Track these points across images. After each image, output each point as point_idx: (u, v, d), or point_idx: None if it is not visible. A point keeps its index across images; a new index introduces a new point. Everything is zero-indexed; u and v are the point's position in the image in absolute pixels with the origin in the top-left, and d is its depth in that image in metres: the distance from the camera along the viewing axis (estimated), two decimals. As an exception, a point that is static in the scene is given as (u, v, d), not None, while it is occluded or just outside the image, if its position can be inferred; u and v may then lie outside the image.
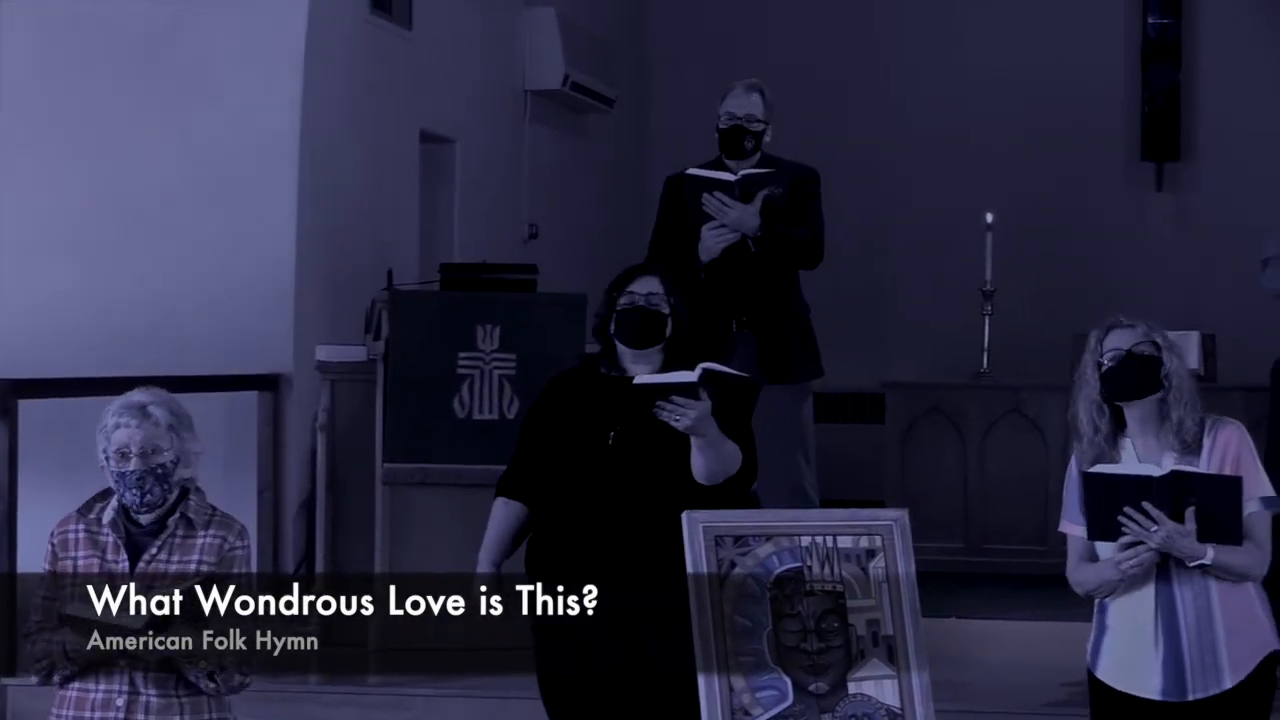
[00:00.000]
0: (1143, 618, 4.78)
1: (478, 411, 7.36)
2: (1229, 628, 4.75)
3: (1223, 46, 12.07)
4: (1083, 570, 4.85)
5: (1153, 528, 4.65)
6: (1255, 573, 4.77)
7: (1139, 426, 4.87)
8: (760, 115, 6.95)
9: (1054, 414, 9.88)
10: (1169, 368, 4.83)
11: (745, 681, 4.59)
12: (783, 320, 6.95)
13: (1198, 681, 4.74)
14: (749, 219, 6.72)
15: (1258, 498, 4.79)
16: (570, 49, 10.81)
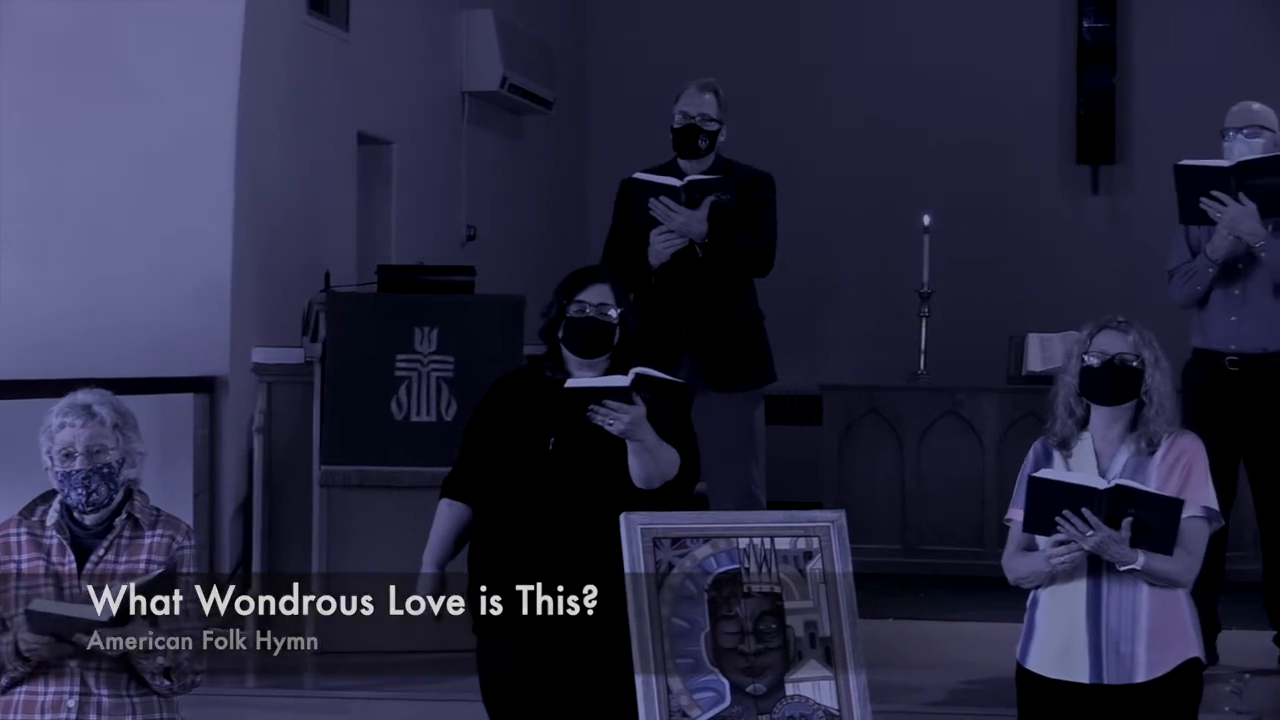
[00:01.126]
0: (1073, 609, 4.87)
1: (415, 413, 7.35)
2: (1152, 629, 4.84)
3: (1157, 50, 12.16)
4: (1017, 558, 4.94)
5: (1088, 532, 4.70)
6: (1183, 580, 4.85)
7: (1104, 424, 4.95)
8: (714, 115, 6.94)
9: (990, 416, 9.94)
10: (1149, 384, 4.90)
11: (683, 683, 4.59)
12: (731, 327, 6.93)
13: (1113, 668, 4.83)
14: (696, 225, 6.70)
15: (1200, 505, 4.86)
16: (508, 51, 10.80)
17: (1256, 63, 11.56)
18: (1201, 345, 7.15)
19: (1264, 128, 7.04)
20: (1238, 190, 6.83)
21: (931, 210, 10.69)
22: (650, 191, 6.71)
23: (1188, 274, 7.10)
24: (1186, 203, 6.90)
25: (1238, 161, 6.87)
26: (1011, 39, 12.26)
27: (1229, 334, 7.05)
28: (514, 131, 11.62)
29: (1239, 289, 7.04)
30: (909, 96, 12.32)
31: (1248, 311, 7.03)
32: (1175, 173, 6.94)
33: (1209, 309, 7.09)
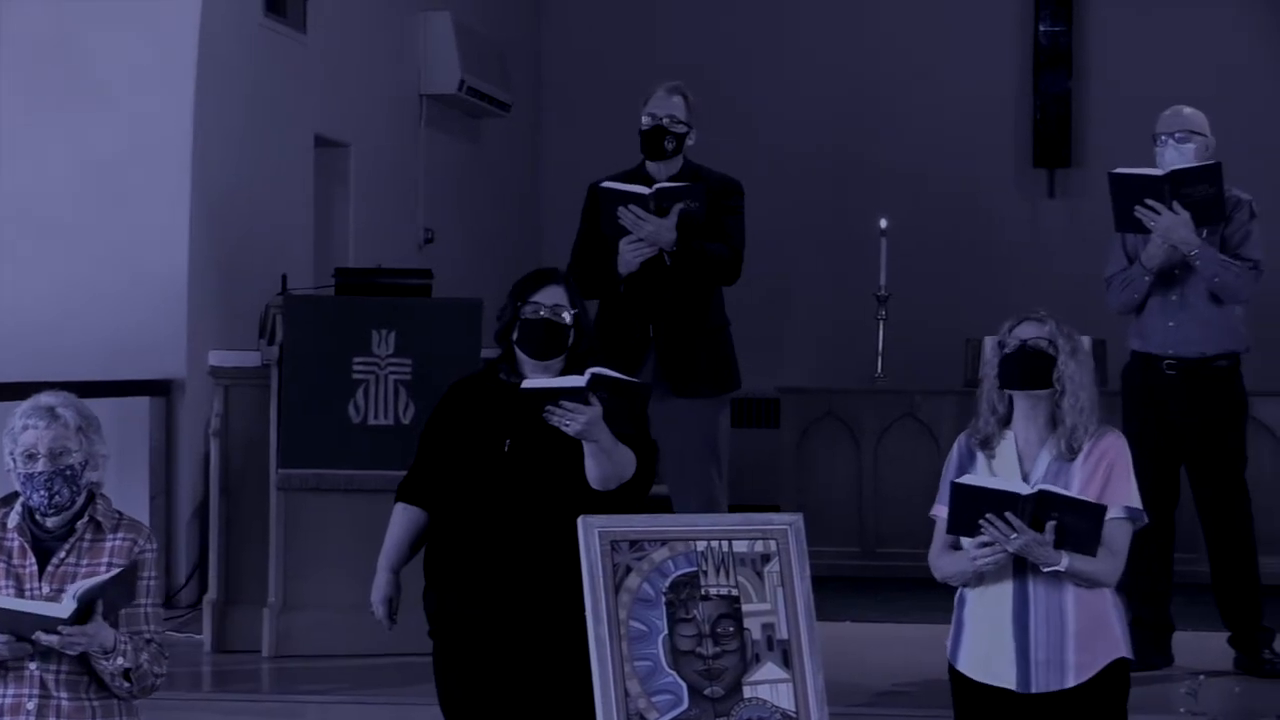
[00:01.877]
0: (999, 612, 4.89)
1: (373, 417, 7.33)
2: (1079, 630, 4.85)
3: (1113, 54, 12.21)
4: (943, 557, 4.96)
5: (1011, 535, 4.72)
6: (1107, 580, 4.88)
7: (1025, 419, 4.96)
8: (682, 117, 6.93)
9: (947, 418, 9.96)
10: (1062, 370, 4.90)
11: (641, 686, 4.59)
12: (698, 334, 6.93)
13: (1042, 676, 4.85)
14: (664, 233, 6.69)
15: (1123, 506, 4.88)
16: (466, 54, 10.79)
17: (1211, 67, 11.61)
18: (1140, 349, 7.19)
19: (1195, 132, 7.08)
20: (1171, 199, 6.86)
21: (888, 214, 10.72)
22: (619, 200, 6.69)
23: (1125, 282, 7.14)
24: (1122, 211, 6.94)
25: (1171, 170, 6.90)
26: (968, 43, 12.30)
27: (1167, 339, 7.09)
28: (471, 134, 11.61)
29: (1177, 294, 7.08)
30: (867, 100, 12.35)
31: (1185, 316, 7.07)
32: (1110, 181, 6.98)
33: (1147, 314, 7.13)
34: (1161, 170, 6.94)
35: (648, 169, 6.94)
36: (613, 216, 6.68)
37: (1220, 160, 6.98)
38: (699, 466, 6.86)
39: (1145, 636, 7.17)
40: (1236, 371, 7.16)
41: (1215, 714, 5.42)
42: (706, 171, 6.99)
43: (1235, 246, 7.04)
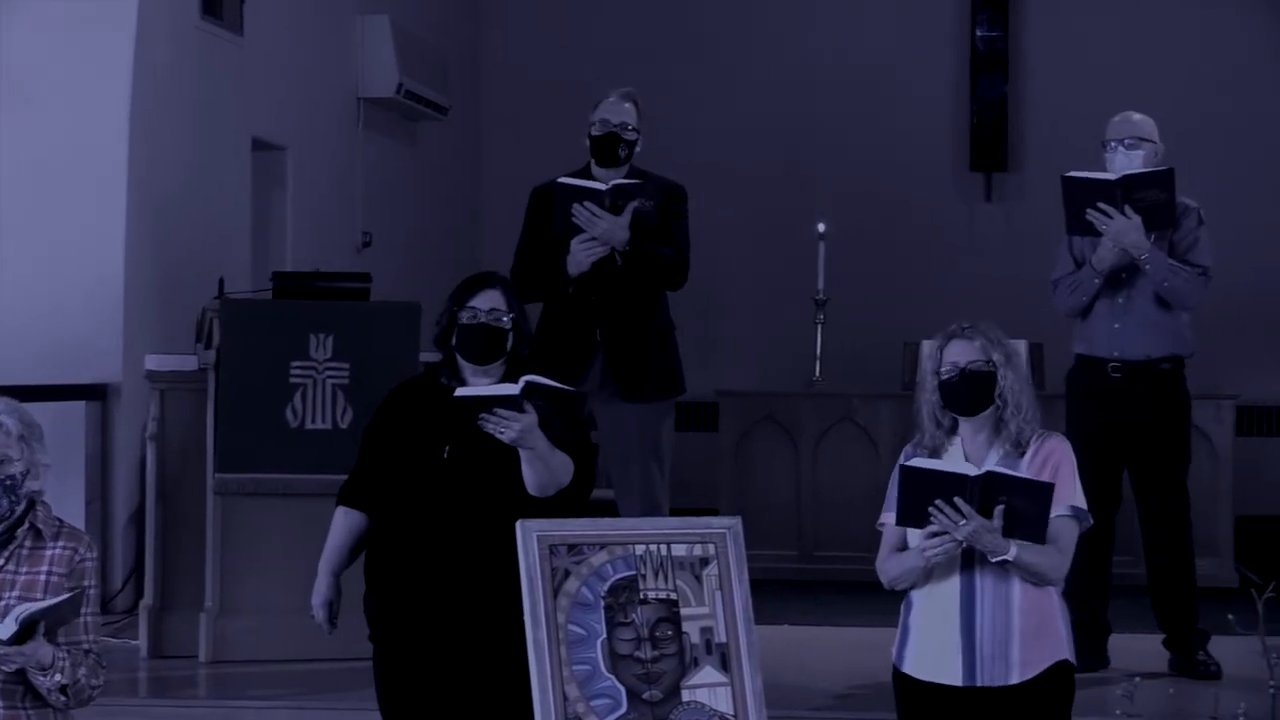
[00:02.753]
0: (946, 609, 4.92)
1: (310, 421, 7.31)
2: (1024, 628, 4.90)
3: (1049, 58, 12.28)
4: (890, 560, 5.00)
5: (960, 521, 4.75)
6: (1053, 576, 4.92)
7: (970, 430, 5.02)
8: (634, 124, 6.95)
9: (886, 422, 9.99)
10: (1002, 385, 4.96)
11: (579, 690, 4.59)
12: (644, 338, 6.94)
13: (986, 670, 4.89)
14: (618, 231, 6.70)
15: (1069, 505, 4.93)
16: (404, 56, 10.77)
17: (1147, 71, 11.68)
18: (1085, 352, 7.23)
19: (1144, 139, 7.13)
20: (1123, 203, 6.91)
21: (826, 217, 10.74)
22: (574, 196, 6.69)
23: (1073, 285, 7.18)
24: (1073, 214, 6.98)
25: (1123, 175, 6.95)
26: (905, 47, 12.34)
27: (1112, 341, 7.14)
28: (409, 137, 11.59)
29: (1123, 297, 7.13)
30: (804, 105, 12.38)
31: (1131, 319, 7.11)
32: (1063, 184, 7.01)
33: (1093, 317, 7.18)
34: (1113, 175, 6.99)
35: (594, 174, 6.94)
36: (566, 214, 6.68)
37: (1172, 166, 7.03)
38: (643, 470, 6.87)
39: (1082, 639, 7.18)
40: (1180, 375, 7.22)
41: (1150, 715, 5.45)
42: (652, 176, 7.00)
43: (1184, 252, 7.09)
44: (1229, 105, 11.85)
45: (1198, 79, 11.85)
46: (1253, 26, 12.04)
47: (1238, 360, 11.19)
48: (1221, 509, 9.61)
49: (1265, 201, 11.76)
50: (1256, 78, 11.97)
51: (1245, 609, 4.85)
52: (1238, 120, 11.85)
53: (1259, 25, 12.04)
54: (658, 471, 6.96)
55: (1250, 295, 11.45)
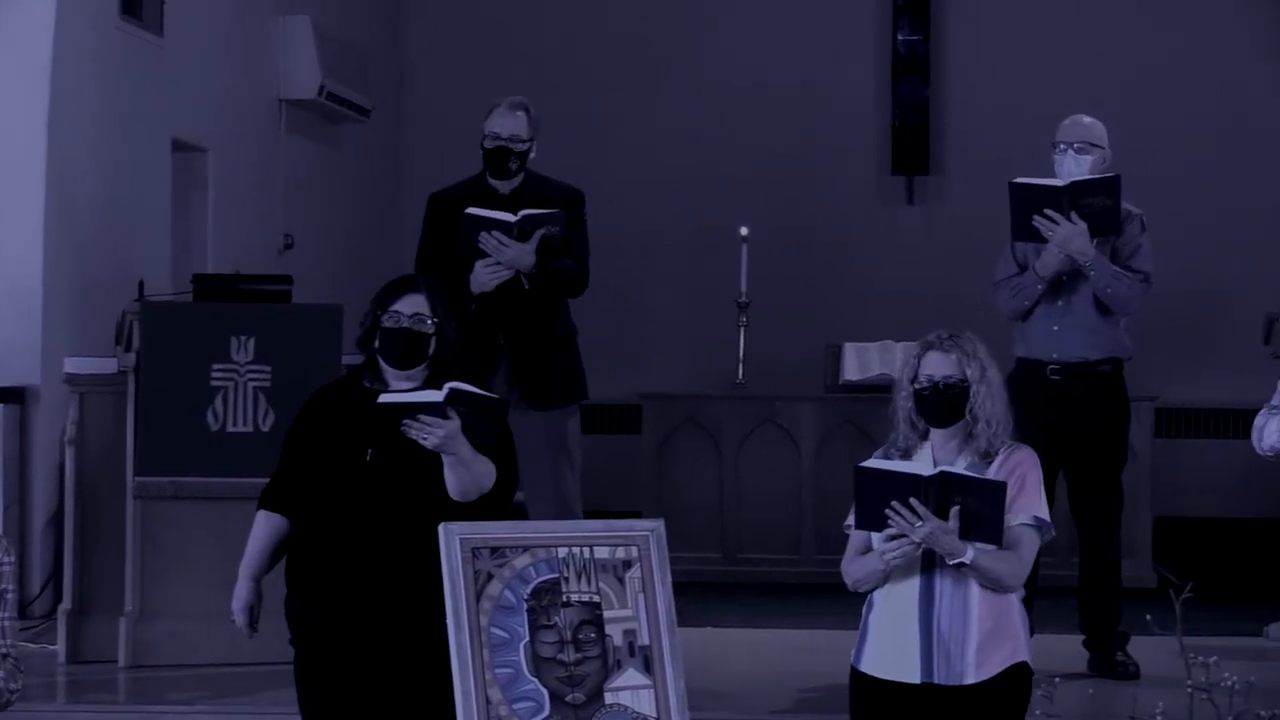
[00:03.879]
0: (906, 609, 4.95)
1: (231, 424, 7.27)
2: (982, 628, 4.93)
3: (970, 62, 12.33)
4: (853, 563, 5.03)
5: (917, 523, 4.78)
6: (1011, 582, 4.95)
7: (942, 438, 5.07)
8: (524, 134, 6.95)
9: (808, 424, 10.02)
10: (974, 401, 5.01)
11: (502, 693, 4.58)
12: (547, 344, 6.95)
13: (943, 668, 4.91)
14: (525, 258, 6.73)
15: (1032, 514, 4.97)
16: (326, 58, 10.72)
17: (1066, 76, 11.76)
18: (1024, 355, 7.27)
19: (1094, 144, 7.17)
20: (1069, 209, 6.95)
21: (749, 221, 10.76)
22: (481, 225, 6.71)
23: (1016, 289, 7.21)
24: (1020, 220, 7.01)
25: (1071, 181, 6.99)
26: (827, 51, 12.38)
27: (1051, 343, 7.18)
28: (331, 139, 11.54)
29: (1062, 300, 7.18)
30: (727, 108, 12.40)
31: (1070, 322, 7.16)
32: (1010, 190, 7.04)
33: (1033, 319, 7.22)
34: (1062, 180, 7.02)
35: (490, 182, 6.97)
36: (472, 239, 6.71)
37: (1119, 173, 7.08)
38: (554, 473, 6.89)
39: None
40: (1119, 377, 7.28)
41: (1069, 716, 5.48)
42: (549, 182, 7.03)
43: (1126, 258, 7.15)
44: (1147, 110, 11.94)
45: (1117, 83, 11.93)
46: (1172, 29, 12.13)
47: (1157, 363, 11.27)
48: (1140, 511, 9.68)
49: (1183, 205, 11.85)
50: (1173, 82, 12.06)
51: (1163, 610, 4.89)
52: (1154, 124, 11.94)
53: (1178, 28, 12.13)
54: (569, 474, 7.01)
55: (1170, 299, 11.53)
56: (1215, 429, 12.12)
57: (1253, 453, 5.33)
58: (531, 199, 6.89)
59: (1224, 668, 4.98)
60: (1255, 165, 11.92)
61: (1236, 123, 12.02)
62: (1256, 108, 12.01)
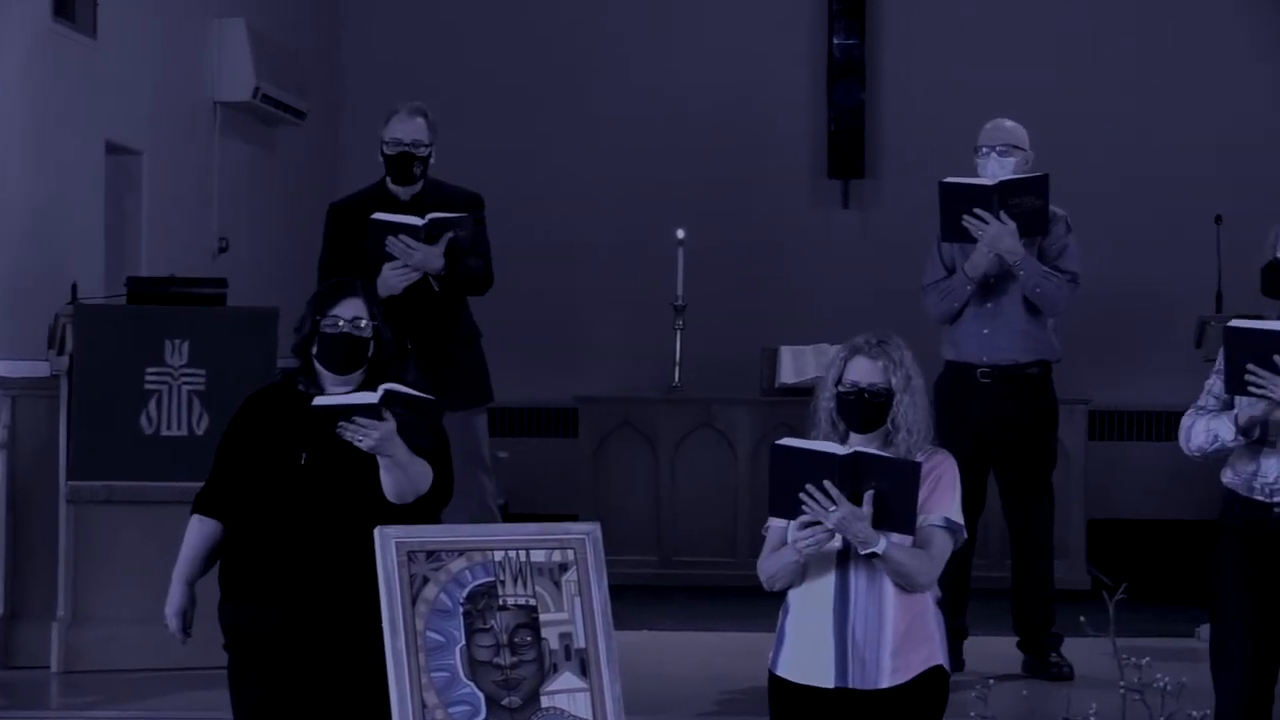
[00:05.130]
0: (821, 613, 4.97)
1: (165, 428, 7.24)
2: (896, 632, 4.96)
3: (904, 66, 12.38)
4: (768, 559, 5.04)
5: (831, 508, 4.79)
6: (923, 580, 4.98)
7: (862, 440, 5.08)
8: (426, 139, 6.96)
9: (744, 427, 10.04)
10: (896, 411, 5.03)
11: (438, 697, 4.58)
12: (452, 346, 6.97)
13: (858, 673, 4.94)
14: (433, 260, 6.74)
15: (944, 516, 5.00)
16: (260, 60, 10.68)
17: (1000, 80, 11.82)
18: (954, 358, 7.30)
19: (1016, 146, 7.22)
20: (999, 209, 6.98)
21: (686, 224, 10.77)
22: (389, 230, 6.71)
23: (944, 291, 7.24)
24: (949, 220, 7.04)
25: (1000, 181, 7.02)
26: (763, 55, 12.41)
27: (981, 346, 7.22)
28: (266, 142, 11.50)
29: (991, 303, 7.21)
30: (662, 111, 12.41)
31: (1000, 324, 7.20)
32: (940, 190, 7.07)
33: (962, 322, 7.25)
34: (989, 181, 7.06)
35: (390, 188, 6.98)
36: (379, 244, 6.71)
37: (1047, 173, 7.12)
38: (468, 475, 6.87)
39: (938, 642, 7.28)
40: (1048, 379, 7.32)
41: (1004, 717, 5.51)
42: (448, 187, 7.05)
43: (1054, 258, 7.19)
44: (1079, 114, 12.01)
45: (1051, 87, 12.00)
46: (1102, 34, 12.21)
47: (1091, 366, 11.35)
48: (1074, 513, 9.74)
49: (1114, 209, 11.93)
50: (1105, 87, 12.13)
51: (1097, 611, 4.92)
52: (1087, 129, 12.02)
53: (1108, 33, 12.21)
54: (484, 475, 7.02)
55: (1104, 302, 11.61)
56: (1148, 431, 12.20)
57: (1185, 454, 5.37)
58: (431, 204, 6.91)
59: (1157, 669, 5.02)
60: (1187, 169, 12.00)
61: (1166, 127, 12.10)
62: (1186, 113, 12.09)
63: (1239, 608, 5.20)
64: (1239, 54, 12.04)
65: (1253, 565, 5.18)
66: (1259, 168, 11.69)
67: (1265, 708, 5.25)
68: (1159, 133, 12.08)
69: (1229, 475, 5.27)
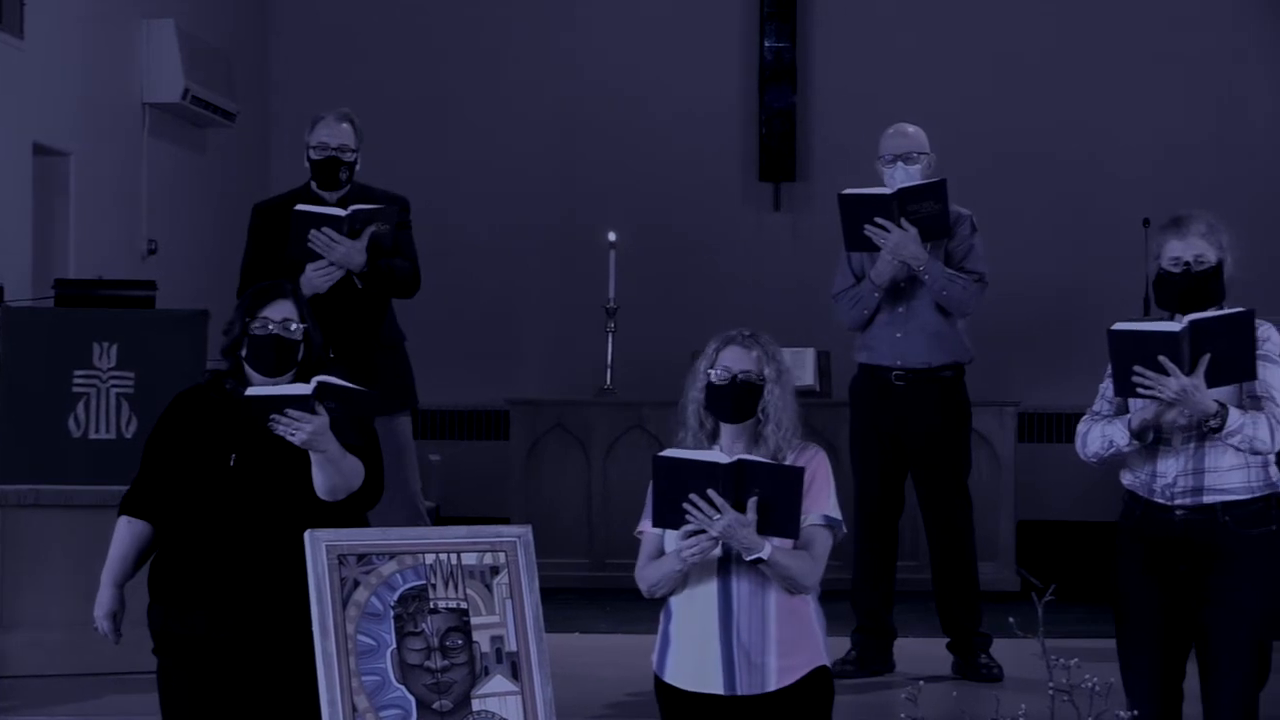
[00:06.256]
0: (705, 618, 5.02)
1: (94, 431, 7.20)
2: (781, 636, 5.01)
3: (835, 70, 12.41)
4: (648, 567, 5.07)
5: (715, 516, 4.81)
6: (806, 582, 5.02)
7: (729, 438, 5.13)
8: (352, 144, 6.95)
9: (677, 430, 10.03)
10: (767, 401, 5.06)
11: (369, 701, 4.56)
12: (375, 351, 6.95)
13: (745, 679, 4.98)
14: (355, 256, 6.71)
15: (822, 514, 5.03)
16: (190, 62, 10.63)
17: (930, 84, 11.87)
18: (867, 361, 7.35)
19: (921, 152, 7.26)
20: (899, 216, 7.03)
21: (617, 226, 10.78)
22: (312, 222, 6.68)
23: (854, 299, 7.29)
24: (851, 230, 7.10)
25: (899, 188, 7.07)
26: (695, 58, 12.42)
27: (894, 350, 7.26)
28: (196, 143, 11.44)
29: (903, 307, 7.26)
30: (594, 114, 12.41)
31: (912, 328, 7.25)
32: (840, 202, 7.12)
33: (875, 326, 7.30)
34: (889, 189, 7.10)
35: (316, 194, 6.95)
36: (302, 239, 6.67)
37: (945, 176, 7.16)
38: (398, 478, 6.86)
39: (867, 643, 7.32)
40: (961, 382, 7.37)
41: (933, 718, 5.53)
42: (374, 192, 7.03)
43: (960, 260, 7.24)
44: (1007, 117, 12.07)
45: (983, 88, 12.06)
46: (1034, 39, 12.27)
47: (1020, 368, 11.42)
48: (1003, 514, 9.79)
49: (1044, 212, 12.00)
50: (1034, 91, 12.20)
51: (1026, 612, 4.94)
52: (1019, 133, 12.08)
53: (1039, 38, 12.27)
54: (411, 478, 7.02)
55: (1032, 304, 11.69)
56: (1077, 433, 12.26)
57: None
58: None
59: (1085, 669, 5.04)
60: (1116, 172, 12.07)
61: (1095, 130, 12.17)
62: (1116, 115, 12.16)
63: (1143, 609, 5.27)
64: (1170, 58, 12.12)
65: (1155, 567, 5.25)
66: (1189, 171, 11.77)
67: (1175, 708, 5.31)
68: (1088, 136, 12.15)
69: (1128, 477, 5.34)
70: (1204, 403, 5.05)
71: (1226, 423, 5.08)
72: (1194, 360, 5.04)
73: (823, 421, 9.40)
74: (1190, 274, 5.24)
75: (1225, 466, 5.17)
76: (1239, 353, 5.07)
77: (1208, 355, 5.03)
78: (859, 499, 7.35)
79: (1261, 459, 5.19)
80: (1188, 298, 5.23)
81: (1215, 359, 5.04)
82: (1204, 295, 5.23)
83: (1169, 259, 5.27)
